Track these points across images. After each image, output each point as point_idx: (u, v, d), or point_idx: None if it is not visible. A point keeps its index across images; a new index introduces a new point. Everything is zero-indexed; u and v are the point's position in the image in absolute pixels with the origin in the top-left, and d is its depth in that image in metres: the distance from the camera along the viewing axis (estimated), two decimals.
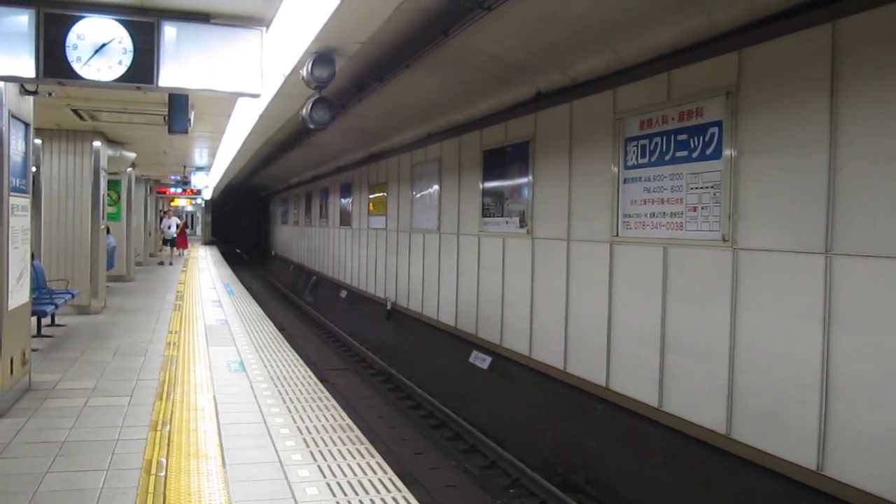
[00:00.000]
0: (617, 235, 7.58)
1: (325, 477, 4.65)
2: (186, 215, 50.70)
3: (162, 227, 25.67)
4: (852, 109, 5.05)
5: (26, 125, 6.58)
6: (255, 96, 5.96)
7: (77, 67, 5.30)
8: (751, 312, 5.93)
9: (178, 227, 26.78)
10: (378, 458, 5.10)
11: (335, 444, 5.33)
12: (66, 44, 5.26)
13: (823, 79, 5.22)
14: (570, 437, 8.12)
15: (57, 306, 9.63)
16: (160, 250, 27.03)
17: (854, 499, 4.96)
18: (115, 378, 7.29)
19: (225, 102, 9.38)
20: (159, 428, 5.61)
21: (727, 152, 6.09)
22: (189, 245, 33.76)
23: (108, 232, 14.15)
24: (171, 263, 24.09)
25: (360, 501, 4.27)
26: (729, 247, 6.08)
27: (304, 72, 7.64)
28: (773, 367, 5.69)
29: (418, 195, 14.11)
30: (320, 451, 5.15)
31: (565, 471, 7.90)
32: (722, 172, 6.15)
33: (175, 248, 27.08)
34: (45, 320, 9.96)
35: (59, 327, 10.35)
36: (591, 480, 7.53)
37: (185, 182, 26.11)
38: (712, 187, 6.25)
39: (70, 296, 10.49)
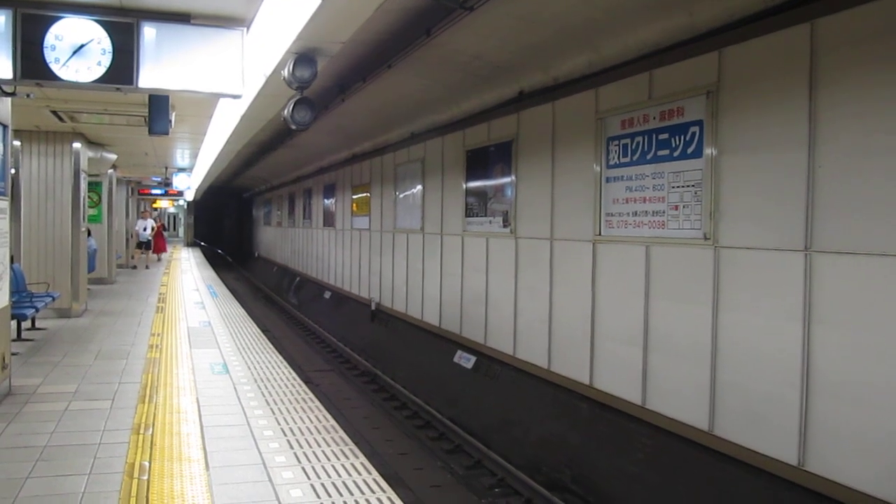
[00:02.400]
0: (599, 234, 7.61)
1: (309, 479, 4.63)
2: (168, 217, 50.24)
3: (137, 229, 24.19)
4: (831, 107, 5.10)
5: (4, 127, 6.50)
6: (236, 97, 5.94)
7: (55, 68, 5.26)
8: (732, 310, 5.97)
9: (153, 229, 25.26)
10: (363, 458, 5.09)
11: (319, 446, 5.31)
12: (44, 44, 5.22)
13: (802, 77, 5.27)
14: (555, 436, 8.15)
15: (37, 309, 9.53)
16: (132, 256, 24.56)
17: (835, 493, 5.01)
18: (97, 381, 7.22)
19: (206, 103, 9.32)
20: (142, 431, 5.57)
21: (708, 151, 6.13)
22: (168, 249, 31.36)
23: (88, 234, 14.02)
24: (146, 267, 23.31)
25: (345, 503, 4.26)
26: (710, 245, 6.12)
27: (285, 72, 7.61)
28: (754, 363, 5.74)
29: (402, 195, 14.11)
30: (304, 453, 5.13)
31: (550, 469, 7.92)
32: (703, 171, 6.19)
33: (152, 253, 25.68)
34: (26, 324, 9.85)
35: (40, 331, 10.25)
36: (575, 478, 7.56)
37: (166, 183, 25.80)
38: (693, 186, 6.29)
39: (51, 299, 10.39)
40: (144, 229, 24.02)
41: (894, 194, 4.67)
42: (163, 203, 36.32)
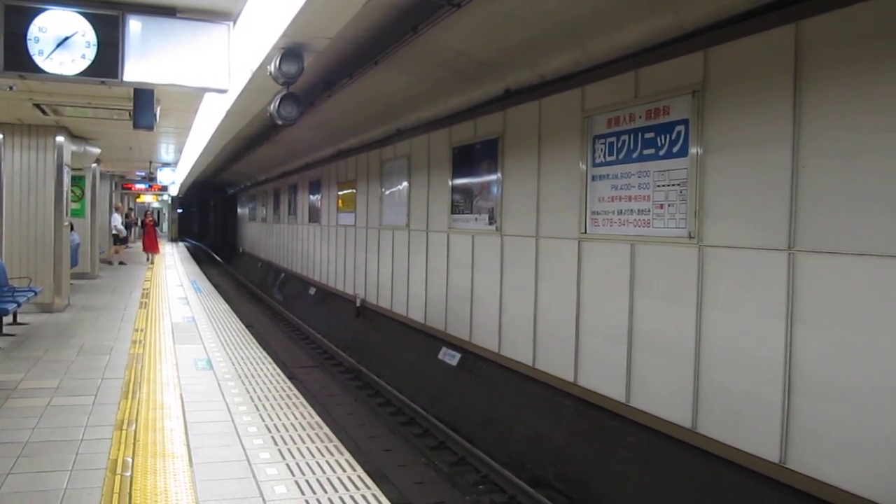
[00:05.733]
0: (585, 232, 7.63)
1: (293, 475, 4.63)
2: (153, 212, 49.75)
3: (115, 223, 22.59)
4: (814, 108, 5.13)
5: None
6: (222, 92, 5.91)
7: (39, 61, 5.20)
8: (716, 308, 6.01)
9: (129, 223, 23.78)
10: (347, 455, 5.09)
11: (304, 442, 5.30)
12: (28, 36, 5.16)
13: (787, 78, 5.30)
14: (539, 433, 8.17)
15: (19, 304, 9.45)
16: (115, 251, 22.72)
17: (816, 491, 5.06)
18: (80, 377, 7.17)
19: (191, 97, 9.27)
20: (125, 427, 5.54)
21: (693, 150, 6.16)
22: (160, 250, 27.15)
23: (71, 229, 13.91)
24: (122, 263, 22.25)
25: (329, 499, 4.26)
26: (695, 243, 6.16)
27: (271, 67, 7.59)
28: (737, 362, 5.78)
29: (387, 192, 14.09)
30: (289, 449, 5.13)
31: (534, 466, 7.94)
32: (688, 170, 6.22)
33: (143, 251, 24.40)
34: (7, 319, 9.76)
35: (22, 326, 10.16)
36: (559, 476, 7.58)
37: (151, 178, 25.57)
38: (679, 185, 6.32)
39: (33, 293, 10.30)
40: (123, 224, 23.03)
41: (877, 194, 4.72)
42: (147, 198, 36.00)
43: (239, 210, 42.54)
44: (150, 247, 24.78)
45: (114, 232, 22.44)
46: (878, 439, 4.72)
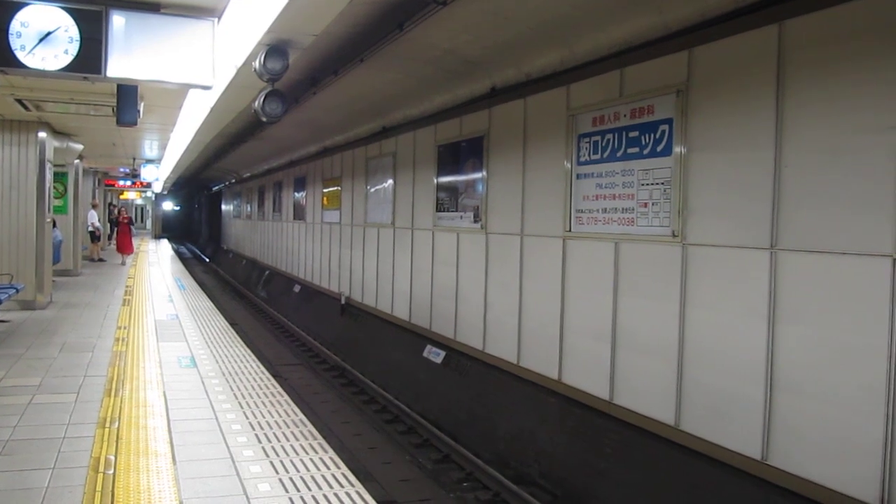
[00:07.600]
0: (569, 231, 7.65)
1: (277, 473, 4.62)
2: (136, 209, 49.39)
3: (93, 221, 21.63)
4: (797, 107, 5.18)
5: None
6: (207, 88, 5.88)
7: (21, 56, 5.16)
8: (699, 307, 6.05)
9: (102, 219, 22.64)
10: (331, 453, 5.08)
11: (288, 440, 5.29)
12: (10, 31, 5.12)
13: (770, 77, 5.35)
14: (524, 431, 8.19)
15: (0, 301, 9.36)
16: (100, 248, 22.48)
17: (797, 487, 5.11)
18: (62, 375, 7.12)
19: (175, 94, 9.20)
20: (108, 425, 5.50)
21: (677, 149, 6.20)
22: (133, 249, 24.36)
23: (54, 225, 13.79)
24: (99, 259, 21.78)
25: (314, 497, 4.25)
26: (678, 242, 6.19)
27: (256, 64, 7.55)
28: (720, 360, 5.82)
29: (373, 189, 14.07)
30: (272, 447, 5.11)
31: (519, 464, 7.96)
32: (672, 169, 6.25)
33: (117, 252, 22.71)
34: None
35: (3, 323, 10.07)
36: (544, 473, 7.61)
37: (134, 175, 25.32)
38: (663, 184, 6.36)
39: (14, 290, 10.20)
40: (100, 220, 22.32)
41: (859, 194, 4.76)
42: (130, 194, 35.72)
43: (223, 207, 42.32)
44: (124, 247, 22.27)
45: (90, 229, 21.70)
46: (858, 437, 4.77)
